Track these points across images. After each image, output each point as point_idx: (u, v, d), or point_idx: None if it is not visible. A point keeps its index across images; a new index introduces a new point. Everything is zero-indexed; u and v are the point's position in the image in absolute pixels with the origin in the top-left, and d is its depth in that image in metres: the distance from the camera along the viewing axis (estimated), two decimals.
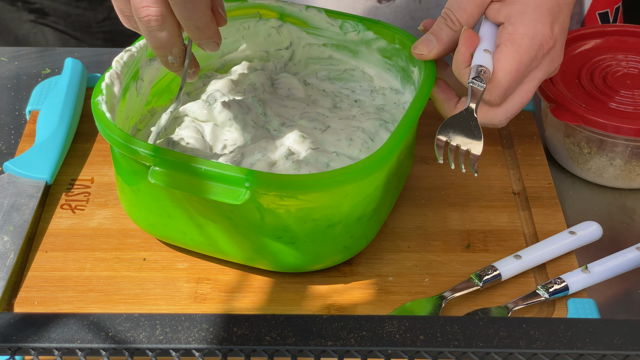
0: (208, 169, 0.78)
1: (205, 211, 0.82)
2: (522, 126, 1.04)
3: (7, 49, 1.19)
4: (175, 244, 0.88)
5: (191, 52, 0.84)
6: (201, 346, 0.56)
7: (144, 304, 0.84)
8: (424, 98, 0.87)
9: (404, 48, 0.96)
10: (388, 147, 0.81)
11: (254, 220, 0.81)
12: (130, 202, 0.88)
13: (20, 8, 1.63)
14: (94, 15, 1.59)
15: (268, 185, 0.78)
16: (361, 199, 0.82)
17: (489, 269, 0.86)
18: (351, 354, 0.56)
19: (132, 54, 0.90)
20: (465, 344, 0.56)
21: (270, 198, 0.79)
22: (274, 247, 0.82)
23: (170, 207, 0.83)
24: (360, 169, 0.79)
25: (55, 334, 0.56)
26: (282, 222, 0.81)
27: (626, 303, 0.88)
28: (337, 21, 0.99)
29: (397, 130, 0.83)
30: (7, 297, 0.84)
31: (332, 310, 0.84)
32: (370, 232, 0.87)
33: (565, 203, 0.97)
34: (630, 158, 0.96)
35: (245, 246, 0.83)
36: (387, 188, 0.86)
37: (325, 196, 0.80)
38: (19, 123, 1.06)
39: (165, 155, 0.79)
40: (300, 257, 0.83)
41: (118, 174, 0.88)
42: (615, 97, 0.98)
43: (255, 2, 0.99)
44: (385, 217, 0.90)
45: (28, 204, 0.92)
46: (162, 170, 0.79)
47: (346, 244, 0.85)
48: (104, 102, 0.84)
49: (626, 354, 0.56)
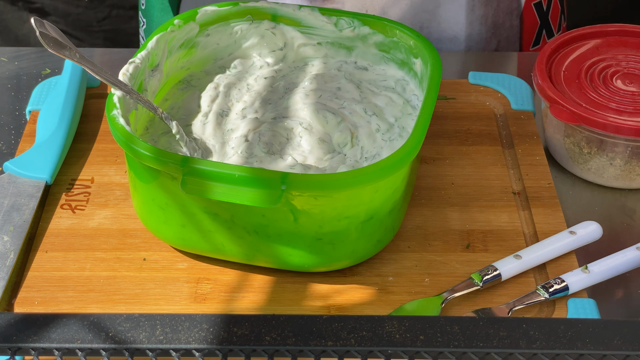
0: (242, 174, 0.78)
1: (236, 219, 0.82)
2: (522, 126, 1.04)
3: (7, 49, 1.19)
4: (210, 255, 0.88)
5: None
6: (201, 346, 0.56)
7: (144, 304, 0.84)
8: (436, 84, 0.88)
9: (402, 40, 0.96)
10: (415, 139, 0.82)
11: (287, 223, 0.81)
12: (158, 219, 0.87)
13: (20, 8, 1.64)
14: (95, 14, 1.59)
15: (305, 186, 0.78)
16: (390, 192, 0.84)
17: (489, 269, 0.86)
18: (351, 354, 0.56)
19: (136, 65, 0.89)
20: (465, 344, 0.56)
21: (304, 199, 0.79)
22: (311, 248, 0.83)
23: (206, 220, 0.83)
24: (392, 164, 0.80)
25: (55, 334, 0.56)
26: (317, 222, 0.81)
27: (626, 303, 0.88)
28: (332, 19, 0.99)
29: (420, 121, 0.84)
30: (7, 297, 0.84)
31: (332, 310, 0.84)
32: (397, 223, 0.89)
33: (565, 203, 0.97)
34: (630, 158, 0.96)
35: (278, 251, 0.84)
36: (411, 178, 0.89)
37: (358, 193, 0.81)
38: (19, 123, 1.06)
39: (196, 164, 0.79)
40: (337, 255, 0.84)
41: (141, 191, 0.87)
42: (615, 97, 0.98)
43: (248, 5, 0.99)
44: (406, 208, 0.91)
45: (28, 204, 0.92)
46: (194, 179, 0.79)
47: (379, 238, 0.86)
48: (120, 115, 0.83)
49: (626, 354, 0.56)
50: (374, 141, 0.90)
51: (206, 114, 0.92)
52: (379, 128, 0.91)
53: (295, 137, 0.89)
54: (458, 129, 1.04)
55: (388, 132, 0.91)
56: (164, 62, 0.94)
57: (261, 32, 1.01)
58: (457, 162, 1.00)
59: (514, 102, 1.07)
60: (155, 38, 0.93)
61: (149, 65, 0.92)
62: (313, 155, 0.88)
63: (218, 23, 0.99)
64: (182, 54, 0.97)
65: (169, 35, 0.94)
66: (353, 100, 0.94)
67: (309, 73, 0.99)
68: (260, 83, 0.97)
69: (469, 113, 1.07)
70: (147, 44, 0.92)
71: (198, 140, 0.90)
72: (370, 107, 0.93)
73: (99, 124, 1.05)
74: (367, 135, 0.90)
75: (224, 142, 0.89)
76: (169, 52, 0.95)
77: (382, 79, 0.98)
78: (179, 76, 0.98)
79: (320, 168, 0.87)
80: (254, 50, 1.01)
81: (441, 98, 1.08)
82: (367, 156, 0.89)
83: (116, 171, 0.98)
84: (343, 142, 0.89)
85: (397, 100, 0.95)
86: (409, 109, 0.94)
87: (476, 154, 1.01)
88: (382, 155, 0.88)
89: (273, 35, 1.01)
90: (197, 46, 0.98)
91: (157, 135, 0.90)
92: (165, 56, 0.94)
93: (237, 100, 0.95)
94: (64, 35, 0.83)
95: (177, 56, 0.97)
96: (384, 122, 0.92)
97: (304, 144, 0.89)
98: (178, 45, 0.96)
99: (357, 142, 0.90)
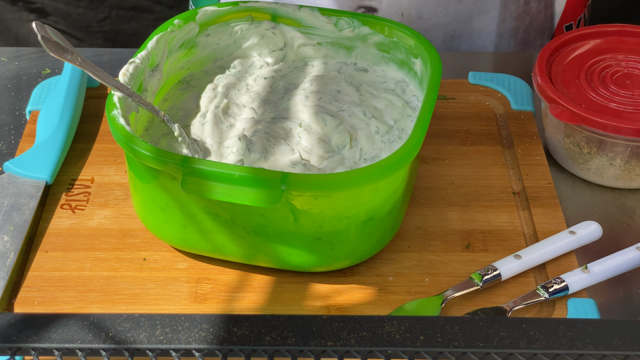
0: (242, 174, 0.78)
1: (236, 219, 0.82)
2: (522, 126, 1.04)
3: (7, 49, 1.19)
4: (210, 255, 0.88)
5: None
6: (201, 346, 0.56)
7: (144, 304, 0.84)
8: (436, 84, 0.88)
9: (402, 40, 0.96)
10: (415, 139, 0.82)
11: (287, 223, 0.81)
12: (158, 219, 0.87)
13: (20, 8, 1.64)
14: (95, 14, 1.59)
15: (305, 186, 0.78)
16: (390, 192, 0.84)
17: (489, 268, 0.86)
18: (351, 354, 0.56)
19: (136, 65, 0.89)
20: (465, 344, 0.56)
21: (304, 199, 0.79)
22: (310, 248, 0.83)
23: (206, 221, 0.83)
24: (392, 164, 0.80)
25: (55, 334, 0.56)
26: (317, 222, 0.81)
27: (626, 303, 0.88)
28: (332, 19, 0.99)
29: (419, 121, 0.84)
30: (7, 297, 0.84)
31: (332, 310, 0.84)
32: (397, 223, 0.89)
33: (565, 203, 0.97)
34: (630, 158, 0.96)
35: (278, 251, 0.84)
36: (410, 178, 0.89)
37: (358, 193, 0.81)
38: (19, 123, 1.06)
39: (196, 164, 0.79)
40: (336, 255, 0.84)
41: (141, 191, 0.87)
42: (615, 97, 0.98)
43: (248, 5, 0.99)
44: (406, 208, 0.91)
45: (28, 204, 0.92)
46: (194, 179, 0.79)
47: (379, 238, 0.86)
48: (120, 115, 0.84)
49: (626, 354, 0.56)
50: (373, 143, 0.90)
51: (204, 114, 0.92)
52: (378, 130, 0.91)
53: (294, 137, 0.89)
54: (458, 129, 1.04)
55: (387, 134, 0.91)
56: (164, 62, 0.94)
57: (261, 32, 1.01)
58: (457, 162, 1.00)
59: (514, 102, 1.07)
60: (155, 38, 0.93)
61: (149, 65, 0.92)
62: (312, 155, 0.88)
63: (218, 23, 0.99)
64: (182, 54, 0.97)
65: (169, 35, 0.94)
66: (352, 103, 0.94)
67: (308, 74, 0.99)
68: (259, 83, 0.97)
69: (469, 113, 1.07)
70: (147, 44, 0.92)
71: (199, 141, 0.90)
72: (369, 109, 0.93)
73: (99, 124, 1.05)
74: (366, 137, 0.90)
75: (222, 142, 0.89)
76: (169, 52, 0.95)
77: (382, 80, 0.98)
78: (179, 76, 0.98)
79: (319, 168, 0.87)
80: (254, 50, 1.01)
81: (441, 98, 1.08)
82: (366, 157, 0.89)
83: (116, 171, 0.98)
84: (342, 144, 0.89)
85: (397, 102, 0.95)
86: (408, 110, 0.94)
87: (476, 154, 1.01)
88: (381, 156, 0.88)
89: (273, 35, 1.01)
90: (197, 46, 0.98)
91: (157, 137, 0.90)
92: (165, 56, 0.94)
93: (236, 100, 0.95)
94: (64, 38, 0.83)
95: (177, 56, 0.97)
96: (383, 124, 0.92)
97: (303, 142, 0.89)
98: (178, 45, 0.96)
99: (356, 143, 0.90)
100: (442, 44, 1.20)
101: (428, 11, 1.17)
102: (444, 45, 1.20)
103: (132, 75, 0.88)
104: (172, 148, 0.88)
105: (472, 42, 1.20)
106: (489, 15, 1.18)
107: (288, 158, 0.87)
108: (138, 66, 0.90)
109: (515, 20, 1.20)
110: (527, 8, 1.19)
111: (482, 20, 1.19)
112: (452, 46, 1.21)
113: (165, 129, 0.90)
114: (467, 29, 1.19)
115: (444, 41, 1.20)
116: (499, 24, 1.19)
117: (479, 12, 1.18)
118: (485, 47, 1.21)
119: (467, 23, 1.19)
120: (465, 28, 1.19)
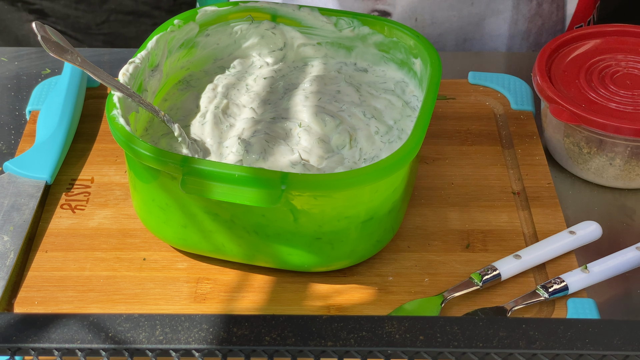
0: (242, 174, 0.78)
1: (236, 219, 0.82)
2: (522, 126, 1.04)
3: (7, 49, 1.19)
4: (210, 255, 0.88)
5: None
6: (201, 346, 0.56)
7: (144, 304, 0.84)
8: (436, 84, 0.88)
9: (401, 40, 0.96)
10: (414, 139, 0.82)
11: (287, 223, 0.81)
12: (158, 219, 0.87)
13: (20, 8, 1.64)
14: (93, 18, 1.59)
15: (305, 185, 0.78)
16: (390, 192, 0.84)
17: (489, 268, 0.86)
18: (351, 354, 0.56)
19: (136, 65, 0.89)
20: (465, 344, 0.56)
21: (304, 199, 0.79)
22: (310, 248, 0.83)
23: (206, 221, 0.83)
24: (392, 164, 0.80)
25: (55, 334, 0.56)
26: (316, 222, 0.81)
27: (626, 303, 0.88)
28: (332, 19, 0.99)
29: (419, 121, 0.84)
30: (7, 297, 0.84)
31: (332, 310, 0.84)
32: (397, 223, 0.89)
33: (565, 203, 0.97)
34: (630, 158, 0.96)
35: (277, 250, 0.84)
36: (410, 178, 0.89)
37: (358, 193, 0.81)
38: (19, 123, 1.06)
39: (196, 164, 0.79)
40: (336, 255, 0.84)
41: (141, 191, 0.87)
42: (615, 97, 0.98)
43: (247, 5, 0.99)
44: (406, 208, 0.91)
45: (28, 204, 0.92)
46: (194, 179, 0.79)
47: (379, 238, 0.86)
48: (120, 115, 0.83)
49: (626, 354, 0.56)
50: (372, 143, 0.90)
51: (204, 114, 0.92)
52: (377, 130, 0.91)
53: (294, 137, 0.89)
54: (458, 129, 1.05)
55: (387, 134, 0.91)
56: (164, 62, 0.94)
57: (261, 32, 1.01)
58: (457, 162, 1.00)
59: (514, 102, 1.07)
60: (155, 38, 0.93)
61: (149, 65, 0.92)
62: (312, 155, 0.88)
63: (218, 23, 0.99)
64: (182, 54, 0.97)
65: (168, 35, 0.94)
66: (352, 103, 0.94)
67: (308, 74, 0.99)
68: (259, 83, 0.97)
69: (469, 113, 1.07)
70: (146, 44, 0.92)
71: (199, 141, 0.90)
72: (369, 110, 0.93)
73: (99, 124, 1.05)
74: (366, 138, 0.90)
75: (221, 142, 0.89)
76: (169, 52, 0.95)
77: (381, 81, 0.98)
78: (179, 76, 0.98)
79: (318, 168, 0.87)
80: (254, 50, 1.01)
81: (441, 98, 1.08)
82: (366, 157, 0.89)
83: (116, 171, 0.98)
84: (342, 144, 0.89)
85: (397, 102, 0.95)
86: (408, 110, 0.94)
87: (476, 154, 1.01)
88: (380, 157, 0.88)
89: (273, 35, 1.01)
90: (196, 46, 0.98)
91: (157, 137, 0.90)
92: (165, 56, 0.94)
93: (235, 100, 0.95)
94: (65, 39, 0.83)
95: (177, 56, 0.97)
96: (383, 124, 0.92)
97: (303, 142, 0.89)
98: (178, 45, 0.96)
99: (356, 144, 0.90)
100: (454, 47, 1.20)
101: (442, 16, 1.17)
102: (456, 48, 1.20)
103: (132, 75, 0.88)
104: (172, 148, 0.88)
105: (484, 44, 1.20)
106: (501, 16, 1.18)
107: (288, 158, 0.87)
108: (138, 66, 0.90)
109: (528, 22, 1.20)
110: (540, 10, 1.19)
111: (494, 22, 1.19)
112: (464, 49, 1.21)
113: (165, 129, 0.90)
114: (480, 31, 1.19)
115: (457, 44, 1.20)
116: (511, 25, 1.19)
117: (491, 14, 1.18)
118: (498, 49, 1.21)
119: (480, 25, 1.19)
120: (477, 30, 1.19)
